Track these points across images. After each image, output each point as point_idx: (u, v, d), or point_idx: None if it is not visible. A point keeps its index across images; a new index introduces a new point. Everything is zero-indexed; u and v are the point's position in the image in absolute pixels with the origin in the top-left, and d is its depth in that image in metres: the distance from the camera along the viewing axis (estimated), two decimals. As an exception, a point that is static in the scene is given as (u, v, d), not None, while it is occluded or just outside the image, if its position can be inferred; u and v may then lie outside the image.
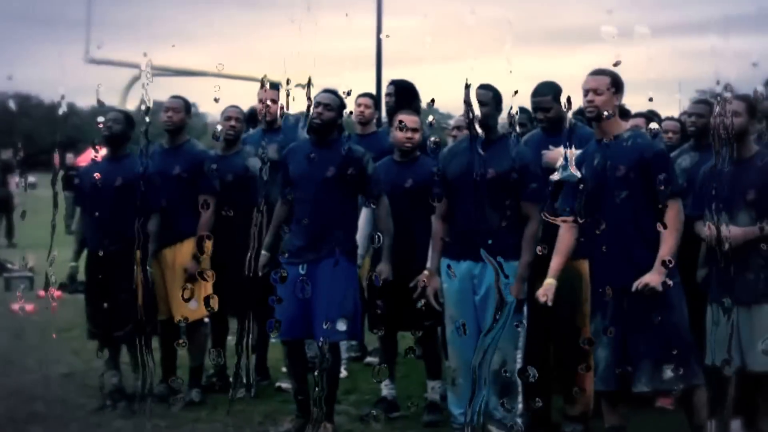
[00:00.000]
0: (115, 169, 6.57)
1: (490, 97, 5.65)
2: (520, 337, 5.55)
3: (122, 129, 6.59)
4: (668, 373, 4.90)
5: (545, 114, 5.94)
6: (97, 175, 6.55)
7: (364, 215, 6.44)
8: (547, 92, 5.94)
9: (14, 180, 18.88)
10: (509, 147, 5.66)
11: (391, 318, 6.08)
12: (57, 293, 10.93)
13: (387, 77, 7.22)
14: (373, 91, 12.17)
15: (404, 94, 7.27)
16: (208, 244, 6.52)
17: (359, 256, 6.31)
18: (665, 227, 4.90)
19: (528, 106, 6.42)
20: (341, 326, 5.64)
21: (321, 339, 5.61)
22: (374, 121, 7.92)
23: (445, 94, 5.52)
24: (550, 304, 5.12)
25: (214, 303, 6.47)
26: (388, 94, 7.34)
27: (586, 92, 5.15)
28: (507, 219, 5.56)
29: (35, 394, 6.83)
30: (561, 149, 5.74)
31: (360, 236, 6.32)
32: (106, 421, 6.25)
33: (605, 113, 5.09)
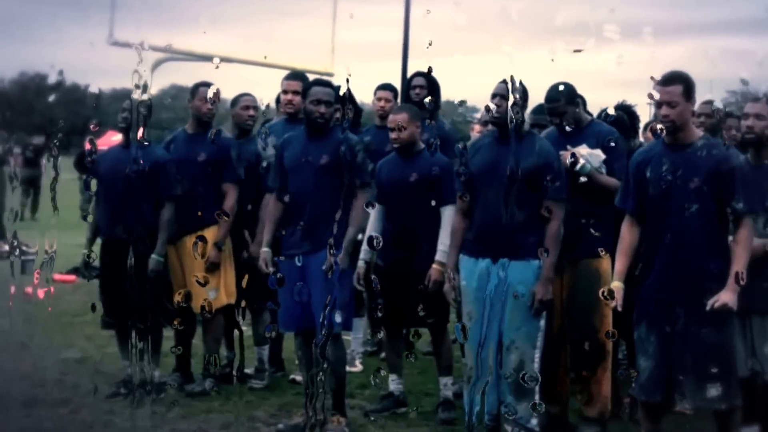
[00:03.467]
0: (129, 157, 6.49)
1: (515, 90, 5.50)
2: (538, 338, 5.46)
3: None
4: (712, 392, 4.76)
5: (561, 118, 5.80)
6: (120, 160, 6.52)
7: (374, 213, 6.36)
8: (559, 97, 5.78)
9: (44, 162, 19.34)
10: (534, 144, 5.56)
11: (395, 314, 6.04)
12: (71, 278, 11.01)
13: (412, 67, 7.14)
14: (399, 81, 12.02)
15: (433, 88, 7.18)
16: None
17: (367, 252, 6.26)
18: (737, 244, 4.75)
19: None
20: (338, 318, 5.54)
21: (321, 331, 5.51)
22: None
23: (471, 87, 5.46)
24: (620, 309, 4.91)
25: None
26: (419, 86, 7.22)
27: (659, 104, 4.89)
28: (529, 217, 5.45)
29: (48, 378, 6.80)
30: (578, 149, 5.63)
31: (369, 233, 6.27)
32: (118, 408, 6.19)
33: (682, 125, 4.88)
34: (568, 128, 5.76)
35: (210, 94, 6.67)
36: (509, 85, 5.38)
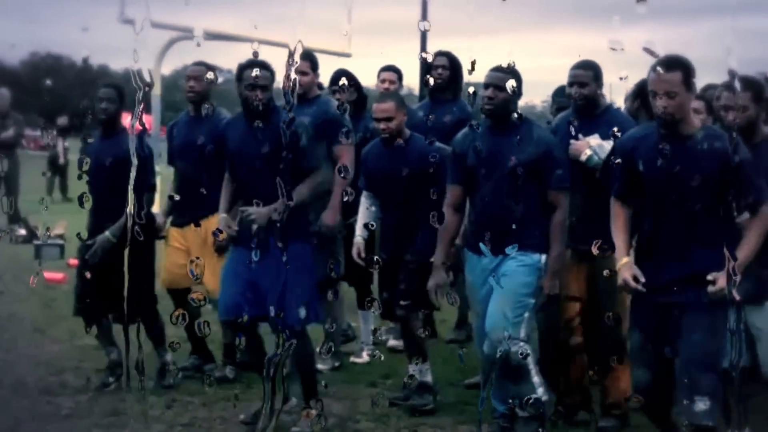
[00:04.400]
0: (108, 147, 6.26)
1: (509, 79, 5.18)
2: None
3: (116, 107, 6.28)
4: (700, 405, 4.31)
5: (580, 90, 5.60)
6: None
7: (362, 202, 6.25)
8: (588, 68, 5.59)
9: (61, 144, 19.45)
10: (531, 132, 5.31)
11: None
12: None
13: (431, 48, 6.94)
14: (417, 63, 11.82)
15: (455, 68, 7.03)
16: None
17: (363, 229, 6.16)
18: (750, 229, 4.42)
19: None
20: (301, 312, 5.26)
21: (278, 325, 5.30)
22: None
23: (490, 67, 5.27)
24: (641, 287, 4.45)
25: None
26: (441, 66, 7.06)
27: (653, 94, 4.37)
28: (530, 209, 5.24)
29: (65, 365, 6.75)
30: (588, 139, 5.47)
31: (359, 224, 6.20)
32: (138, 396, 6.11)
33: (682, 117, 4.40)
34: (581, 100, 5.56)
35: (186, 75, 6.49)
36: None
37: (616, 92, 6.28)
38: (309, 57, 6.87)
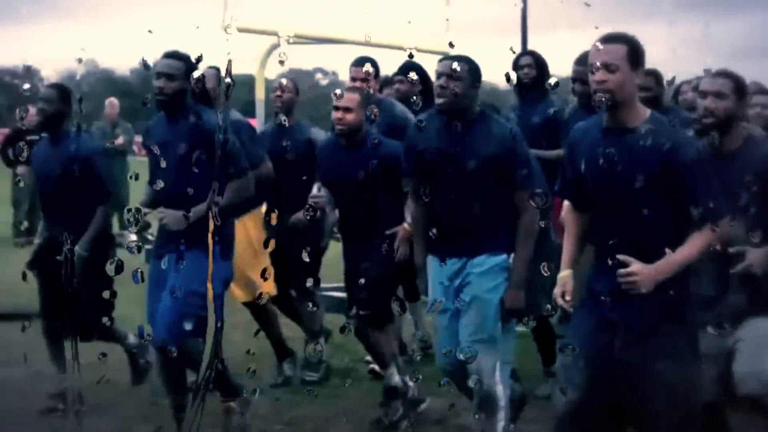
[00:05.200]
0: (53, 153, 6.06)
1: (466, 70, 4.81)
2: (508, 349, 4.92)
3: (57, 108, 6.01)
4: None
5: (583, 87, 5.43)
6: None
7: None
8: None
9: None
10: (489, 128, 4.87)
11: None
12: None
13: (532, 44, 6.73)
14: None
15: (541, 67, 6.92)
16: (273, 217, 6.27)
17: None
18: (688, 242, 3.80)
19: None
20: (187, 326, 5.03)
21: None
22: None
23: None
24: (568, 303, 3.96)
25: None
26: (526, 65, 6.96)
27: (593, 69, 3.80)
28: (492, 211, 4.84)
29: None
30: None
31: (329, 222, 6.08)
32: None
33: (624, 99, 3.82)
34: (585, 98, 5.41)
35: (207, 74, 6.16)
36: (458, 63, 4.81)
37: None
38: (370, 63, 6.84)
